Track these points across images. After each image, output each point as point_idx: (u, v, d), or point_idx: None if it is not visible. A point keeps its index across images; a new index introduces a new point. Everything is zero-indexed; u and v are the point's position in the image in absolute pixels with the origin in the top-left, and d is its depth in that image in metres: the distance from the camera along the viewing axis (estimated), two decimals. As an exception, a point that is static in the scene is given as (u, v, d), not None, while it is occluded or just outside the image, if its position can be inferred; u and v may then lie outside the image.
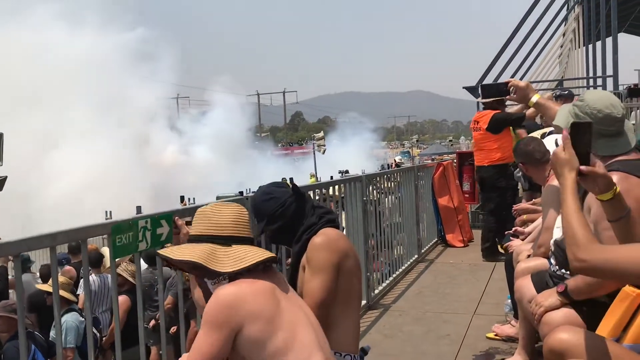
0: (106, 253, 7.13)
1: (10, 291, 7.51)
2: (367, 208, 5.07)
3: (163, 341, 2.89)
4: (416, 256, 6.65)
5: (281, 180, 2.66)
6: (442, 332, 4.25)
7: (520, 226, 4.33)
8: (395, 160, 20.05)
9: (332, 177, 7.19)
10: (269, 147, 51.35)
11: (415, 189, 6.90)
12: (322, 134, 28.14)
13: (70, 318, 5.09)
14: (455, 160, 8.45)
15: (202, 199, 3.48)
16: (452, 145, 47.08)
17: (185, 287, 3.17)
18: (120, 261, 5.45)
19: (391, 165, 14.53)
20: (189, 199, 14.51)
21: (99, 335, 5.46)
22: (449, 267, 6.43)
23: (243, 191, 3.64)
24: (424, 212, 7.24)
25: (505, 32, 15.16)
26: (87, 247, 2.45)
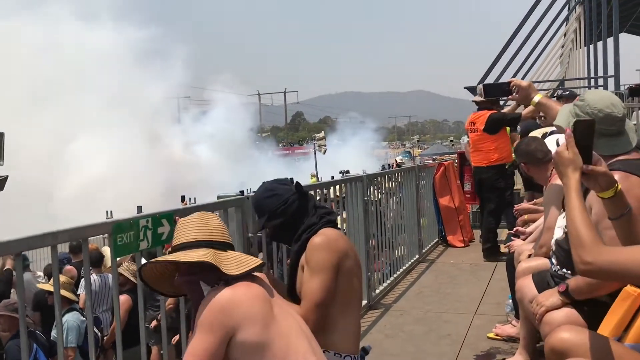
0: (107, 253, 7.14)
1: (12, 290, 7.51)
2: (369, 208, 5.07)
3: (164, 341, 2.89)
4: (417, 256, 6.65)
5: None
6: (443, 332, 4.25)
7: (521, 226, 4.33)
8: (396, 161, 20.06)
9: (333, 177, 7.19)
10: (270, 147, 51.39)
11: (416, 189, 6.90)
12: (322, 134, 28.17)
13: (71, 317, 5.10)
14: (456, 161, 8.44)
15: (204, 198, 3.48)
16: (453, 145, 47.09)
17: None
18: (121, 260, 5.46)
19: (392, 165, 14.53)
20: (190, 198, 14.52)
21: (100, 335, 5.47)
22: (449, 267, 6.42)
23: (244, 191, 3.64)
24: (424, 212, 7.24)
25: (506, 32, 15.17)
26: (88, 246, 2.45)
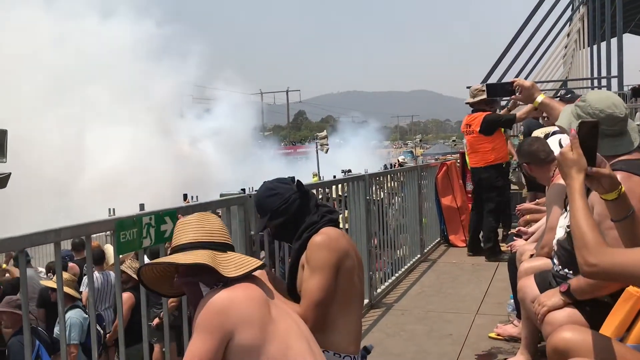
0: (108, 250, 7.15)
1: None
2: (371, 207, 5.07)
3: (166, 339, 2.90)
4: (419, 256, 6.65)
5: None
6: (444, 332, 4.25)
7: (523, 226, 4.33)
8: (398, 160, 20.05)
9: (335, 176, 7.19)
10: (272, 146, 51.45)
11: (418, 189, 6.90)
12: (325, 133, 28.09)
13: (74, 314, 5.12)
14: (458, 160, 8.44)
15: (214, 196, 3.48)
16: (455, 145, 47.00)
17: None
18: (124, 258, 5.47)
19: (394, 165, 14.52)
20: (192, 197, 14.53)
21: (102, 332, 5.48)
22: (451, 267, 6.42)
23: (245, 189, 3.65)
24: (427, 211, 7.24)
25: (509, 32, 15.13)
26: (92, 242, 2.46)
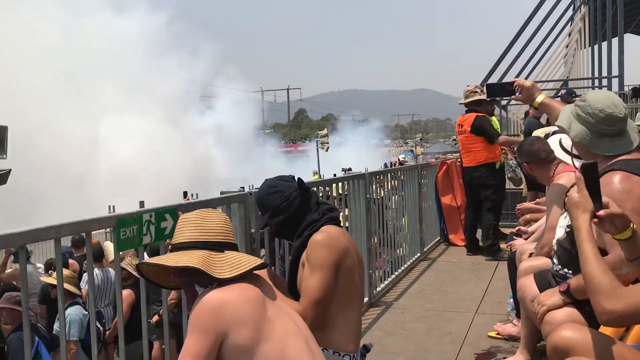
0: (108, 247, 7.15)
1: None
2: (371, 206, 5.07)
3: (166, 336, 2.90)
4: (418, 254, 6.66)
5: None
6: (444, 330, 4.25)
7: (523, 225, 4.33)
8: (399, 159, 20.03)
9: (335, 174, 7.19)
10: (274, 144, 51.48)
11: (418, 188, 6.91)
12: (325, 131, 28.10)
13: (74, 311, 5.11)
14: (459, 160, 8.43)
15: (211, 194, 3.51)
16: (455, 144, 46.98)
17: None
18: (124, 255, 5.47)
19: (395, 163, 14.52)
20: (192, 194, 14.55)
21: (102, 329, 5.49)
22: (451, 266, 6.43)
23: (244, 187, 3.65)
24: (426, 210, 7.24)
25: (511, 31, 15.12)
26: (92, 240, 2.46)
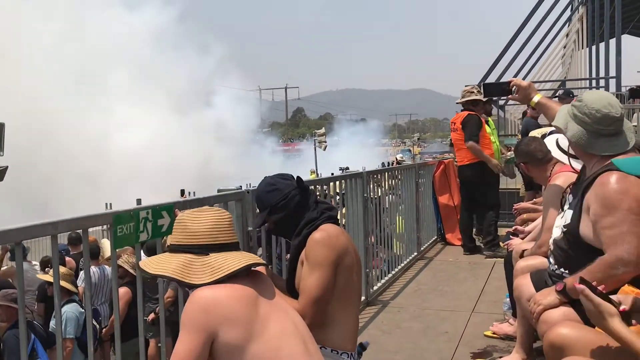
0: (104, 245, 7.14)
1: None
2: (368, 205, 5.07)
3: (162, 334, 2.90)
4: (415, 253, 6.66)
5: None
6: (440, 329, 4.26)
7: (520, 225, 4.34)
8: (396, 158, 20.06)
9: (333, 174, 7.19)
10: (271, 143, 51.48)
11: (415, 187, 6.91)
12: (323, 130, 28.10)
13: (70, 309, 5.11)
14: (455, 159, 8.44)
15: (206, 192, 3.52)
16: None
17: None
18: (121, 252, 5.46)
19: (392, 163, 14.54)
20: (189, 192, 14.53)
21: (98, 327, 5.48)
22: (448, 265, 6.43)
23: (241, 185, 3.65)
24: (424, 210, 7.25)
25: (509, 32, 15.15)
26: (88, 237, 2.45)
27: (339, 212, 4.44)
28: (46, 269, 6.80)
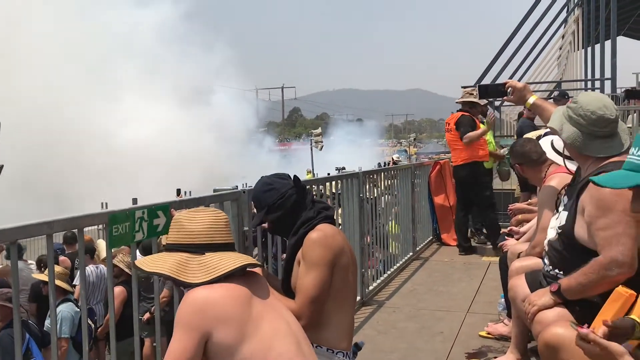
0: (100, 245, 7.13)
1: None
2: (364, 205, 5.08)
3: (157, 333, 2.90)
4: (411, 254, 6.67)
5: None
6: (435, 329, 4.27)
7: (515, 226, 4.35)
8: (392, 159, 20.08)
9: (329, 174, 7.20)
10: (268, 143, 51.47)
11: (411, 187, 6.92)
12: (319, 130, 28.15)
13: (65, 308, 5.10)
14: (451, 160, 8.45)
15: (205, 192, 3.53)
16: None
17: None
18: (116, 252, 5.46)
19: (388, 163, 14.54)
20: (185, 192, 14.53)
21: (93, 326, 5.46)
22: (443, 265, 6.45)
23: (237, 185, 3.64)
24: (419, 210, 7.26)
25: (504, 33, 15.17)
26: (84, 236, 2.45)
27: (334, 213, 4.44)
28: (40, 268, 6.79)
